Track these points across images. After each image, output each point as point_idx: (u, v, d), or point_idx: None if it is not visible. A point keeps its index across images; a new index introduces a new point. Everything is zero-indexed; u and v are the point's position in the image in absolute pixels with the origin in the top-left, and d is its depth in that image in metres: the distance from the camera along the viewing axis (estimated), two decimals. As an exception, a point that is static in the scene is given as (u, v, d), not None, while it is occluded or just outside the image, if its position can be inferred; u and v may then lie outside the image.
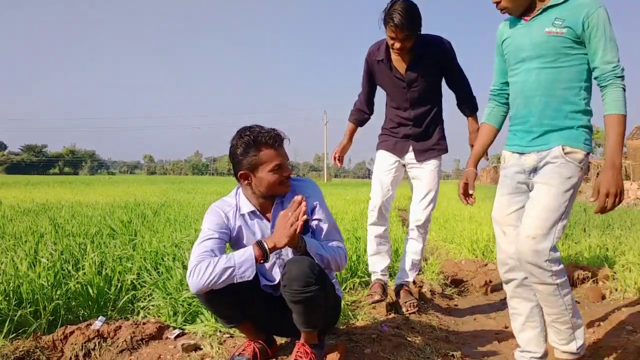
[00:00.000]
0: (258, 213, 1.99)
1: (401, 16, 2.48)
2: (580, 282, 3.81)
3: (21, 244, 3.72)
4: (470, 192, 2.14)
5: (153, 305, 2.69)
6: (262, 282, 2.03)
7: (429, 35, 2.75)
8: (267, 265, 2.03)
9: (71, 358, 2.07)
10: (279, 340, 2.21)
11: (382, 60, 2.80)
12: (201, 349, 2.12)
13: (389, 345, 2.22)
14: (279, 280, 2.01)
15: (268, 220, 1.99)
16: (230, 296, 1.81)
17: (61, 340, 2.15)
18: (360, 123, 3.12)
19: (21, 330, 2.29)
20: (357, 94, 3.09)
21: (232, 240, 1.99)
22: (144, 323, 2.28)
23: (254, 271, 1.75)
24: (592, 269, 3.92)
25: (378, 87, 3.03)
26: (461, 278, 4.05)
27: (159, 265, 3.17)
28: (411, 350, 2.23)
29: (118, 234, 4.46)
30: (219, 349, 2.09)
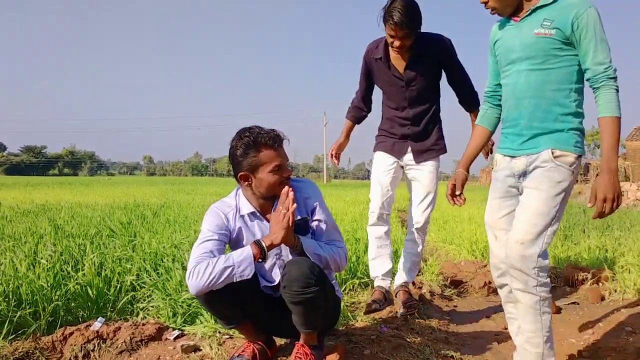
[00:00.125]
0: (258, 214, 1.99)
1: (401, 14, 2.45)
2: (579, 283, 3.81)
3: (21, 245, 3.72)
4: (457, 193, 2.12)
5: (152, 306, 2.69)
6: (262, 283, 2.03)
7: (429, 33, 2.73)
8: (267, 266, 2.03)
9: (70, 359, 2.07)
10: (279, 341, 2.21)
11: (381, 58, 2.77)
12: (200, 350, 2.12)
13: (389, 346, 2.22)
14: (279, 281, 2.02)
15: (268, 221, 1.99)
16: (229, 297, 1.81)
17: (60, 341, 2.15)
18: (357, 120, 3.10)
19: (20, 331, 2.29)
20: (355, 91, 3.06)
21: (232, 241, 1.99)
22: (144, 324, 2.28)
23: (253, 269, 1.75)
24: (592, 270, 3.92)
25: (376, 86, 3.00)
26: (460, 279, 4.05)
27: (159, 266, 3.17)
28: (410, 351, 2.23)
29: (117, 235, 4.46)
30: (219, 350, 2.09)
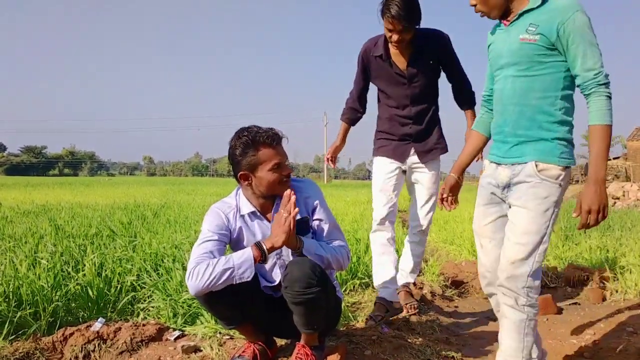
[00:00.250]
0: (258, 214, 1.98)
1: (399, 7, 2.42)
2: (580, 284, 3.81)
3: (21, 246, 3.72)
4: (444, 196, 2.09)
5: (153, 306, 2.69)
6: (262, 284, 2.03)
7: (427, 29, 2.70)
8: (268, 266, 2.03)
9: (71, 359, 2.07)
10: (279, 341, 2.21)
11: (381, 56, 2.71)
12: (201, 351, 2.11)
13: (390, 346, 2.22)
14: (279, 281, 2.01)
15: (269, 220, 1.99)
16: (229, 297, 1.80)
17: (61, 341, 2.15)
18: (352, 122, 3.04)
19: (21, 331, 2.29)
20: (349, 92, 2.99)
21: (233, 241, 1.98)
22: (144, 324, 2.28)
23: (253, 272, 1.74)
24: (593, 271, 3.92)
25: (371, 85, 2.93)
26: (461, 279, 4.04)
27: (159, 266, 3.17)
28: (411, 351, 2.22)
29: (118, 236, 4.45)
30: (219, 351, 2.08)
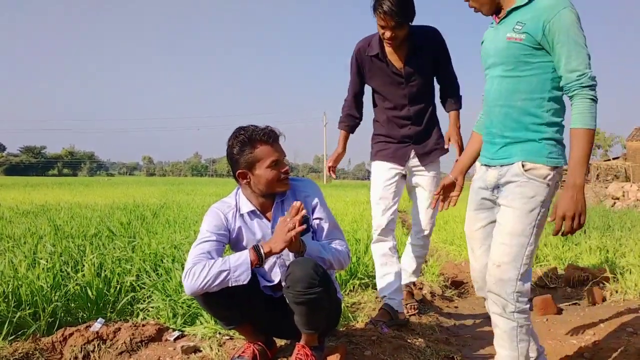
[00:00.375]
0: (258, 212, 1.98)
1: (391, 3, 2.36)
2: (580, 284, 3.81)
3: (20, 246, 3.72)
4: (434, 193, 2.06)
5: (152, 307, 2.69)
6: (262, 283, 2.03)
7: (423, 26, 2.63)
8: (267, 265, 2.02)
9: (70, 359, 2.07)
10: (279, 342, 2.20)
11: (377, 55, 2.62)
12: (201, 351, 2.11)
13: (389, 347, 2.21)
14: (279, 281, 2.01)
15: (268, 219, 1.99)
16: (227, 298, 1.80)
17: (60, 342, 2.14)
18: (352, 129, 2.93)
19: (20, 332, 2.28)
20: (344, 99, 2.91)
21: (232, 241, 1.98)
22: (144, 325, 2.28)
23: (249, 275, 1.74)
24: (593, 271, 3.92)
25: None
26: (461, 280, 4.05)
27: (158, 267, 3.17)
28: (411, 352, 2.22)
29: (117, 236, 4.45)
30: (219, 351, 2.08)
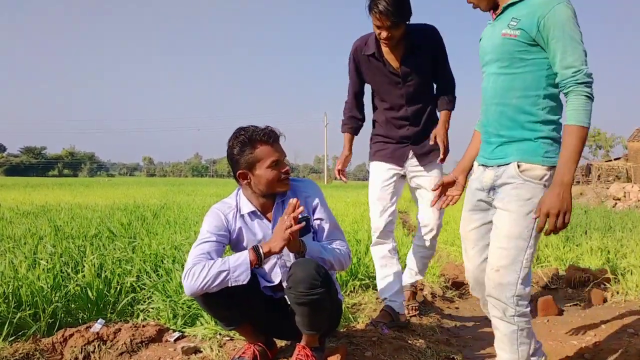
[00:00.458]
0: (259, 213, 1.98)
1: (387, 2, 2.33)
2: (581, 285, 3.80)
3: (20, 246, 3.72)
4: (432, 189, 2.05)
5: (153, 307, 2.68)
6: (262, 284, 2.03)
7: (420, 24, 2.60)
8: (267, 266, 2.02)
9: (70, 361, 2.06)
10: (279, 343, 2.20)
11: (373, 54, 2.59)
12: (201, 352, 2.11)
13: (390, 348, 2.21)
14: (279, 281, 2.01)
15: (269, 220, 1.99)
16: (226, 299, 1.80)
17: (60, 342, 2.14)
18: (355, 131, 2.87)
19: (20, 332, 2.28)
20: (344, 101, 2.87)
21: (233, 242, 1.98)
22: (144, 326, 2.27)
23: (249, 275, 1.74)
24: (594, 272, 3.91)
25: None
26: (462, 281, 4.04)
27: (159, 267, 3.17)
28: (412, 353, 2.22)
29: (117, 237, 4.45)
30: (219, 352, 2.08)
